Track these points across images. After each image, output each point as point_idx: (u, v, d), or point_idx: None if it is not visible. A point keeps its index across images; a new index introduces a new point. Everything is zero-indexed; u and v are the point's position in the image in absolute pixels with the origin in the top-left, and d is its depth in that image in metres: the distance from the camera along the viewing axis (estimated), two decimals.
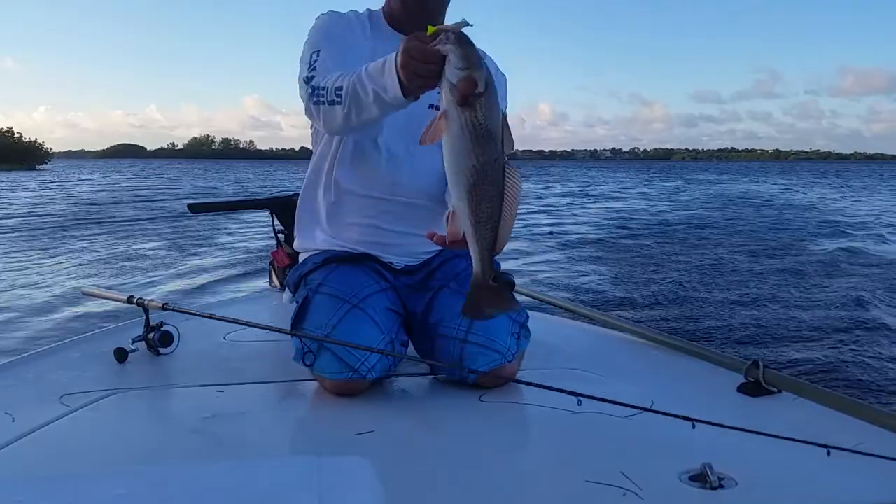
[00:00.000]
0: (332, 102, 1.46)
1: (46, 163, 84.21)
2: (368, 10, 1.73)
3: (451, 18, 1.73)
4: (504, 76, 1.77)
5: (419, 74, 1.26)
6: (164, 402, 1.55)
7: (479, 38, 1.40)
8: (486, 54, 1.66)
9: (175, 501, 0.85)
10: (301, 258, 1.77)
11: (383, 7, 1.74)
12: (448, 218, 1.29)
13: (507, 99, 1.75)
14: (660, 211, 17.78)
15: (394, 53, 1.33)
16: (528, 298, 2.62)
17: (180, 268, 8.61)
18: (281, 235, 2.63)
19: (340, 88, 1.44)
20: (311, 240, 1.75)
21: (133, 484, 0.88)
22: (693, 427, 1.07)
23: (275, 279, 2.65)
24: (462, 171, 1.23)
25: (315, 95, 1.50)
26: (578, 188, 31.74)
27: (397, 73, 1.30)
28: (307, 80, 1.54)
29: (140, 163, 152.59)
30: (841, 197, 25.20)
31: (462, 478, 1.12)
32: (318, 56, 1.56)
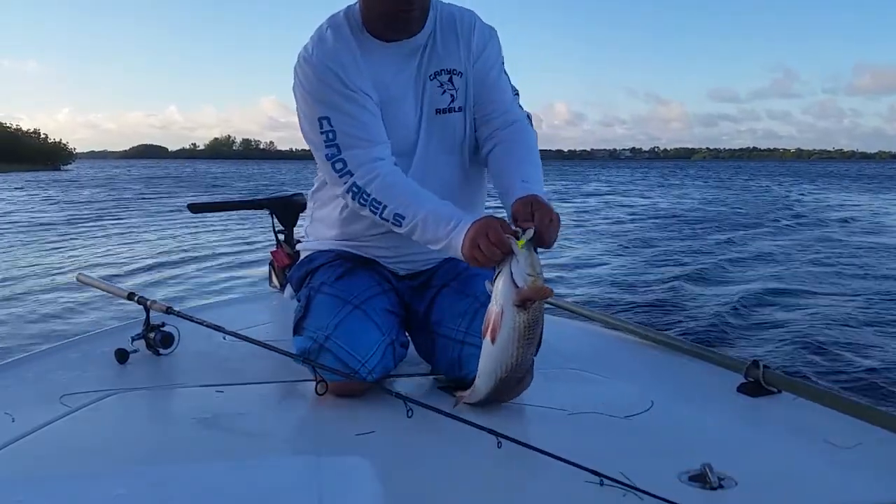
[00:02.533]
0: (387, 220, 1.48)
1: (71, 163, 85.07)
2: (345, 16, 1.58)
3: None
4: (493, 29, 1.66)
5: (483, 253, 1.35)
6: (165, 402, 1.55)
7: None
8: (470, 11, 1.64)
9: (175, 501, 0.85)
10: (303, 255, 1.76)
11: (360, 9, 1.57)
12: (470, 391, 1.41)
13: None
14: (665, 208, 17.80)
15: (466, 223, 1.39)
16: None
17: (178, 265, 8.63)
18: (281, 235, 2.63)
19: (402, 217, 1.46)
20: (317, 241, 1.73)
21: (133, 484, 0.88)
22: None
23: (275, 279, 2.65)
24: (499, 364, 1.35)
25: (362, 199, 1.49)
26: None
27: (464, 236, 1.38)
28: (331, 160, 1.51)
29: (164, 163, 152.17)
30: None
31: (462, 478, 1.12)
32: (329, 126, 1.51)
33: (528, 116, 1.67)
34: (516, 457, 1.14)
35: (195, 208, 2.78)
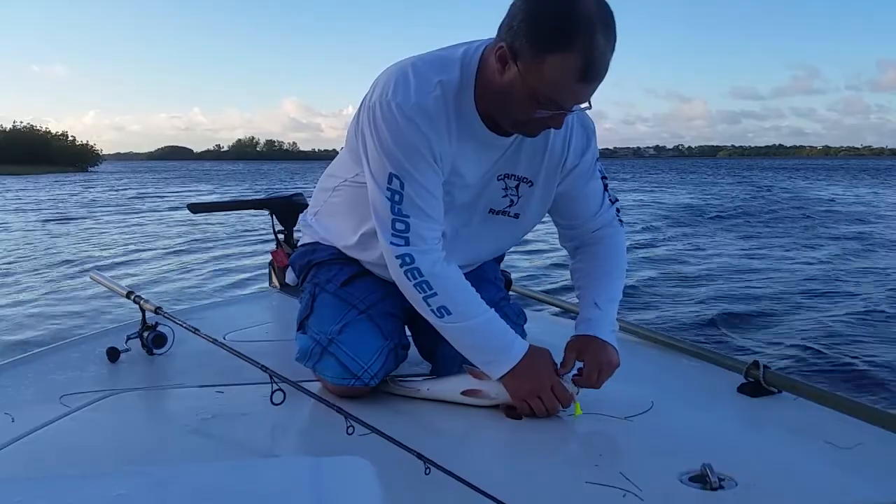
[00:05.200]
0: (428, 306, 1.39)
1: (98, 164, 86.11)
2: (459, 81, 1.36)
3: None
4: (590, 132, 1.56)
5: (533, 410, 1.36)
6: (164, 402, 1.55)
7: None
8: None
9: (175, 501, 0.84)
10: (306, 239, 1.71)
11: (478, 80, 1.36)
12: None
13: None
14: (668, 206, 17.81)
15: (517, 356, 1.39)
16: (527, 298, 2.62)
17: (179, 267, 8.63)
18: (281, 235, 2.63)
19: (448, 312, 1.39)
20: (329, 238, 1.65)
21: (133, 484, 0.88)
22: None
23: (274, 279, 2.65)
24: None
25: (411, 274, 1.38)
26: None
27: (515, 372, 1.38)
28: (395, 214, 1.37)
29: (191, 164, 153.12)
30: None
31: (462, 478, 1.12)
32: (400, 188, 1.36)
33: (618, 210, 1.62)
34: (517, 458, 1.14)
35: (195, 209, 2.79)
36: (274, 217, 2.64)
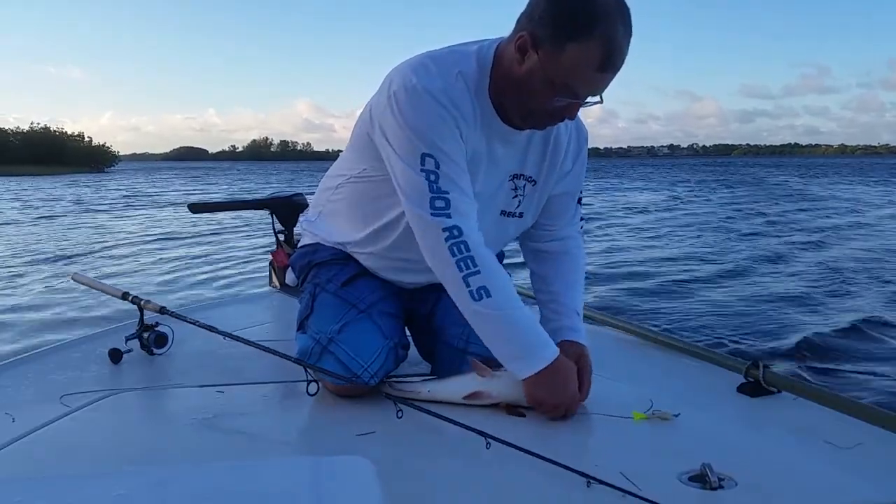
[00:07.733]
0: (466, 286, 1.32)
1: (114, 165, 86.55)
2: (478, 69, 1.38)
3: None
4: (585, 137, 1.59)
5: (548, 405, 1.36)
6: (165, 402, 1.55)
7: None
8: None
9: (175, 501, 0.85)
10: (307, 239, 1.71)
11: (493, 73, 1.38)
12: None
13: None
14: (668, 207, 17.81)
15: (553, 356, 1.36)
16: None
17: (178, 266, 8.63)
18: (281, 235, 2.63)
19: (487, 295, 1.32)
20: (332, 237, 1.65)
21: (133, 484, 0.88)
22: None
23: (275, 279, 2.65)
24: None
25: (457, 247, 1.33)
26: None
27: (539, 374, 1.35)
28: (433, 192, 1.33)
29: (206, 164, 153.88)
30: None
31: (462, 478, 1.12)
32: (434, 166, 1.33)
33: (582, 225, 1.68)
34: (517, 458, 1.14)
35: (195, 208, 2.78)
36: (274, 217, 2.64)
